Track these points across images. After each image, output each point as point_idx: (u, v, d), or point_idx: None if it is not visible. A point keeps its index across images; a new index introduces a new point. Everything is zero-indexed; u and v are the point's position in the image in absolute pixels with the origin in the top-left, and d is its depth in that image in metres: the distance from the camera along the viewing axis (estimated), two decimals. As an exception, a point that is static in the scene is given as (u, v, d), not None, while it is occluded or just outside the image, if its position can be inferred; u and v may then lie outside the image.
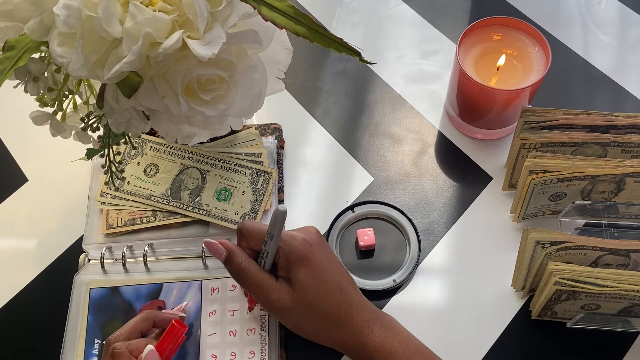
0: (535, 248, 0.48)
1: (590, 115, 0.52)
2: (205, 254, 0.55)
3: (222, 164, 0.58)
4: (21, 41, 0.37)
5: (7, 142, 0.65)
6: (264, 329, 0.51)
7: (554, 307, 0.48)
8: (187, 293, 0.54)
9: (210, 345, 0.51)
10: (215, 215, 0.55)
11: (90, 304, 0.53)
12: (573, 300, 0.46)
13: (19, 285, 0.56)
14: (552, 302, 0.47)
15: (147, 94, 0.38)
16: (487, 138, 0.61)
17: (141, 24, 0.34)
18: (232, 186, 0.57)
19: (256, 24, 0.40)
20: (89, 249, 0.56)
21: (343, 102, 0.65)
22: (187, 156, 0.58)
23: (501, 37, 0.57)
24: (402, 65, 0.68)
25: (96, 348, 0.51)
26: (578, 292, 0.45)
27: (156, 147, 0.59)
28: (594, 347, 0.51)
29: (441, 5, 0.72)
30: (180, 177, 0.57)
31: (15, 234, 0.59)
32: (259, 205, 0.55)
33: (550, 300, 0.47)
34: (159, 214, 0.57)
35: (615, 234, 0.51)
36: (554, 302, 0.47)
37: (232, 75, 0.40)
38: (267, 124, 0.63)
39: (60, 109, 0.44)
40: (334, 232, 0.57)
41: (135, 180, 0.58)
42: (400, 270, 0.55)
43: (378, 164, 0.61)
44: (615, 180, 0.50)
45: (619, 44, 0.68)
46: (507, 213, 0.57)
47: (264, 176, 0.57)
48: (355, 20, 0.72)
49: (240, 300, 0.53)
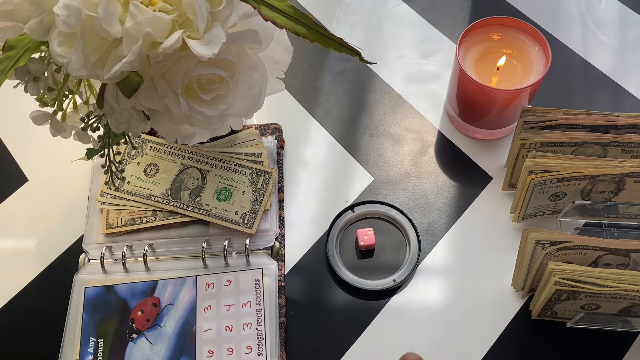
0: (535, 248, 0.48)
1: (590, 115, 0.52)
2: (205, 253, 0.55)
3: (222, 164, 0.58)
4: (21, 41, 0.37)
5: (7, 142, 0.65)
6: (261, 323, 0.52)
7: (554, 307, 0.48)
8: (182, 289, 0.54)
9: (207, 341, 0.51)
10: (215, 215, 0.56)
11: (85, 303, 0.53)
12: (573, 300, 0.46)
13: (19, 285, 0.56)
14: (552, 302, 0.47)
15: (147, 94, 0.38)
16: (487, 138, 0.61)
17: (141, 24, 0.34)
18: (232, 186, 0.57)
19: (256, 24, 0.40)
20: (89, 248, 0.56)
21: (343, 102, 0.65)
22: (187, 156, 0.58)
23: (501, 37, 0.57)
24: (402, 65, 0.68)
25: (91, 347, 0.51)
26: (578, 292, 0.45)
27: (156, 147, 0.59)
28: (594, 347, 0.51)
29: (441, 5, 0.72)
30: (180, 177, 0.57)
31: (15, 234, 0.59)
32: (259, 205, 0.55)
33: (550, 300, 0.47)
34: (159, 213, 0.57)
35: (615, 233, 0.51)
36: (554, 302, 0.47)
37: (232, 75, 0.40)
38: (267, 124, 0.63)
39: (60, 109, 0.44)
40: (334, 232, 0.57)
41: (136, 180, 0.58)
42: (400, 270, 0.55)
43: (378, 163, 0.61)
44: (615, 180, 0.50)
45: (619, 44, 0.68)
46: (507, 213, 0.57)
47: (264, 176, 0.57)
48: (355, 20, 0.72)
49: (236, 295, 0.53)
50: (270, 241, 0.56)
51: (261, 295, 0.53)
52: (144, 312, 0.53)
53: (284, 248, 0.57)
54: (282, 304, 0.53)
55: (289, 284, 0.55)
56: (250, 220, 0.55)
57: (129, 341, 0.52)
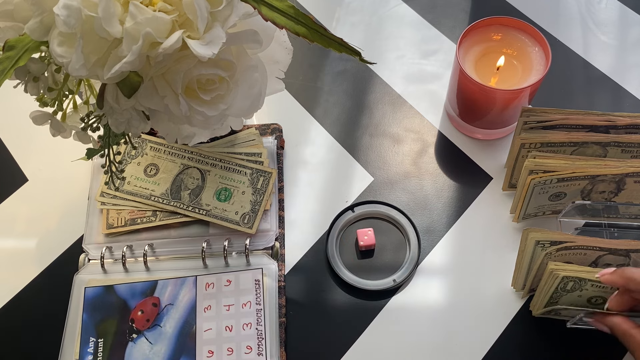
0: (535, 248, 0.48)
1: (590, 115, 0.52)
2: (205, 253, 0.55)
3: (222, 164, 0.58)
4: (21, 41, 0.37)
5: (7, 142, 0.65)
6: (261, 323, 0.52)
7: (559, 300, 0.48)
8: (182, 289, 0.54)
9: (207, 341, 0.51)
10: (215, 215, 0.56)
11: (85, 303, 0.53)
12: (579, 291, 0.46)
13: (19, 285, 0.56)
14: (558, 294, 0.47)
15: (147, 94, 0.38)
16: (487, 138, 0.61)
17: (141, 24, 0.34)
18: (232, 186, 0.57)
19: (256, 24, 0.40)
20: (89, 248, 0.56)
21: (343, 102, 0.65)
22: (187, 156, 0.58)
23: (501, 37, 0.57)
24: (402, 65, 0.68)
25: (91, 347, 0.51)
26: (585, 281, 0.44)
27: (156, 147, 0.59)
28: (594, 347, 0.51)
29: (441, 5, 0.72)
30: (180, 177, 0.57)
31: (15, 234, 0.59)
32: (259, 205, 0.55)
33: (557, 291, 0.46)
34: (159, 213, 0.57)
35: (615, 234, 0.51)
36: (559, 294, 0.47)
37: (232, 75, 0.40)
38: (267, 124, 0.63)
39: (60, 109, 0.44)
40: (334, 232, 0.57)
41: (136, 180, 0.58)
42: (400, 270, 0.55)
43: (378, 163, 0.61)
44: (615, 180, 0.50)
45: (618, 44, 0.68)
46: (507, 213, 0.57)
47: (264, 176, 0.57)
48: (355, 20, 0.72)
49: (236, 295, 0.53)
50: (270, 241, 0.56)
51: (261, 295, 0.53)
52: (144, 312, 0.53)
53: (284, 248, 0.57)
54: (282, 304, 0.53)
55: (289, 284, 0.55)
56: (250, 220, 0.55)
57: (129, 341, 0.52)
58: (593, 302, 0.47)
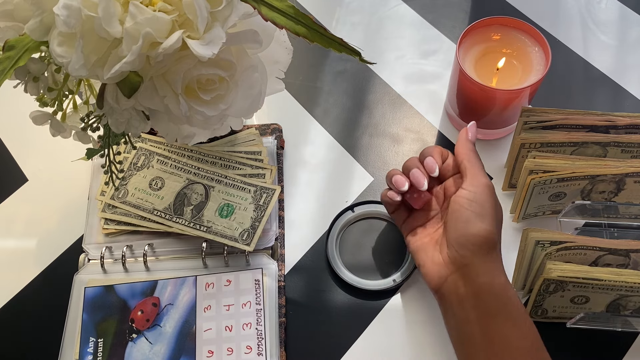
0: (535, 248, 0.48)
1: (590, 115, 0.52)
2: (205, 253, 0.55)
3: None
4: (21, 41, 0.37)
5: (7, 142, 0.65)
6: (260, 323, 0.52)
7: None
8: (182, 289, 0.54)
9: (207, 341, 0.51)
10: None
11: (85, 303, 0.53)
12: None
13: (19, 285, 0.56)
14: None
15: (147, 94, 0.38)
16: (487, 138, 0.61)
17: (141, 24, 0.34)
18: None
19: (256, 24, 0.40)
20: (89, 248, 0.56)
21: (343, 102, 0.65)
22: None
23: (501, 37, 0.57)
24: (402, 65, 0.68)
25: (91, 346, 0.51)
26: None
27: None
28: (594, 347, 0.51)
29: (441, 5, 0.72)
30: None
31: (15, 234, 0.59)
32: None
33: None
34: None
35: (615, 234, 0.51)
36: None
37: (232, 75, 0.40)
38: (267, 124, 0.63)
39: (60, 109, 0.44)
40: (334, 232, 0.57)
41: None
42: (400, 270, 0.55)
43: (378, 163, 0.61)
44: (615, 180, 0.50)
45: (618, 44, 0.68)
46: (507, 213, 0.57)
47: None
48: (355, 20, 0.72)
49: (235, 295, 0.53)
50: (270, 241, 0.56)
51: (261, 295, 0.53)
52: (143, 312, 0.53)
53: (284, 248, 0.57)
54: (282, 304, 0.53)
55: (289, 284, 0.55)
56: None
57: (129, 341, 0.52)
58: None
